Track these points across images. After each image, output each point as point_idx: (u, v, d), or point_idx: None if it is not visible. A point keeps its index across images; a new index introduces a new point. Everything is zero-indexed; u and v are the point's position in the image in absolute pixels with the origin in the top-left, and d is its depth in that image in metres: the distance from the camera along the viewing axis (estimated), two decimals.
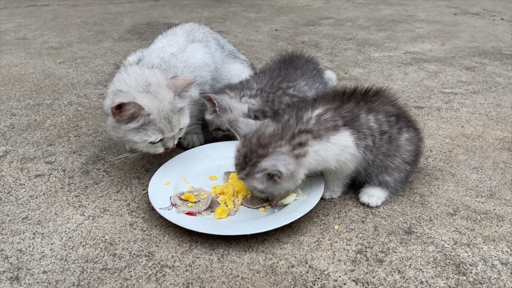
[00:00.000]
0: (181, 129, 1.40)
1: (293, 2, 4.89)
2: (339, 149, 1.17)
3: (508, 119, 1.88)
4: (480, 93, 2.17)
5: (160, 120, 1.30)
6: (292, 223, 1.18)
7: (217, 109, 1.52)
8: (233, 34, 3.45)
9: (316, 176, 1.33)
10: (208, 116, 1.57)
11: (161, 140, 1.35)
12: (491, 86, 2.27)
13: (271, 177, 1.12)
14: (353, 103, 1.22)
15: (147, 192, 1.36)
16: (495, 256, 1.10)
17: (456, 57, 2.78)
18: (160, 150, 1.38)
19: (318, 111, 1.20)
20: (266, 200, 1.29)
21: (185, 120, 1.40)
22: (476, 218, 1.25)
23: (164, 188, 1.34)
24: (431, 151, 1.62)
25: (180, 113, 1.37)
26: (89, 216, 1.28)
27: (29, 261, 1.10)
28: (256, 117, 1.56)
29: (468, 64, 2.63)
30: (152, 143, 1.33)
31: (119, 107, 1.25)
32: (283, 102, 1.62)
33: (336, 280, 1.03)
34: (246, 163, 1.15)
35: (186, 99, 1.41)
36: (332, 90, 1.32)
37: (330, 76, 2.23)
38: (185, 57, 1.55)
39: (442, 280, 1.03)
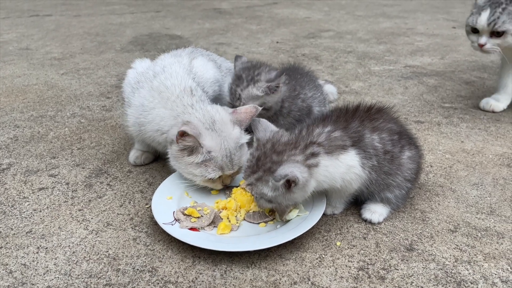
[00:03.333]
0: (240, 167, 1.40)
1: (293, 14, 4.94)
2: (345, 168, 1.19)
3: (508, 134, 1.90)
4: (479, 108, 2.19)
5: (222, 158, 1.32)
6: (294, 239, 1.19)
7: (274, 86, 1.52)
8: (235, 46, 3.48)
9: (318, 192, 1.34)
10: (258, 92, 1.52)
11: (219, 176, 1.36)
12: None
13: (287, 185, 1.12)
14: (358, 121, 1.24)
15: (150, 206, 1.37)
16: (495, 274, 1.11)
17: (456, 71, 2.81)
18: (219, 186, 1.40)
19: (328, 128, 1.21)
20: (270, 214, 1.30)
21: (244, 158, 1.38)
22: (477, 235, 1.26)
23: (167, 202, 1.35)
24: (431, 166, 1.64)
25: (241, 150, 1.38)
26: (92, 230, 1.29)
27: (33, 275, 1.11)
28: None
29: (468, 79, 2.65)
30: (211, 179, 1.35)
31: (182, 135, 1.28)
32: (295, 104, 1.64)
33: None
34: (259, 166, 1.15)
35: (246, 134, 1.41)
36: (335, 108, 1.33)
37: (331, 90, 2.26)
38: (199, 73, 1.57)
39: None
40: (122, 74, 2.23)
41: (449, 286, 1.07)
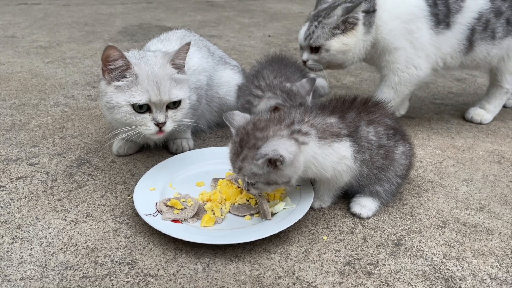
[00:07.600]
0: (175, 105, 1.35)
1: (286, 8, 4.90)
2: (337, 158, 1.14)
3: (498, 131, 1.88)
4: (470, 105, 2.16)
5: (148, 82, 1.29)
6: (280, 232, 1.16)
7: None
8: (226, 39, 3.43)
9: (306, 185, 1.31)
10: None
11: (149, 111, 1.31)
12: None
13: (273, 163, 1.07)
14: (355, 113, 1.20)
15: (132, 197, 1.32)
16: (484, 271, 1.08)
17: None
18: (151, 126, 1.32)
19: (324, 115, 1.17)
20: (256, 207, 1.27)
21: (178, 92, 1.35)
22: (466, 231, 1.23)
23: (150, 193, 1.31)
24: (421, 161, 1.61)
25: (174, 83, 1.34)
26: (71, 221, 1.24)
27: (7, 266, 1.06)
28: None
29: (459, 76, 2.64)
30: (137, 106, 1.29)
31: (107, 58, 1.27)
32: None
33: None
34: (243, 146, 1.09)
35: (183, 71, 1.40)
36: (331, 99, 1.29)
37: (322, 84, 2.23)
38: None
39: None
40: None
41: (437, 282, 1.04)
